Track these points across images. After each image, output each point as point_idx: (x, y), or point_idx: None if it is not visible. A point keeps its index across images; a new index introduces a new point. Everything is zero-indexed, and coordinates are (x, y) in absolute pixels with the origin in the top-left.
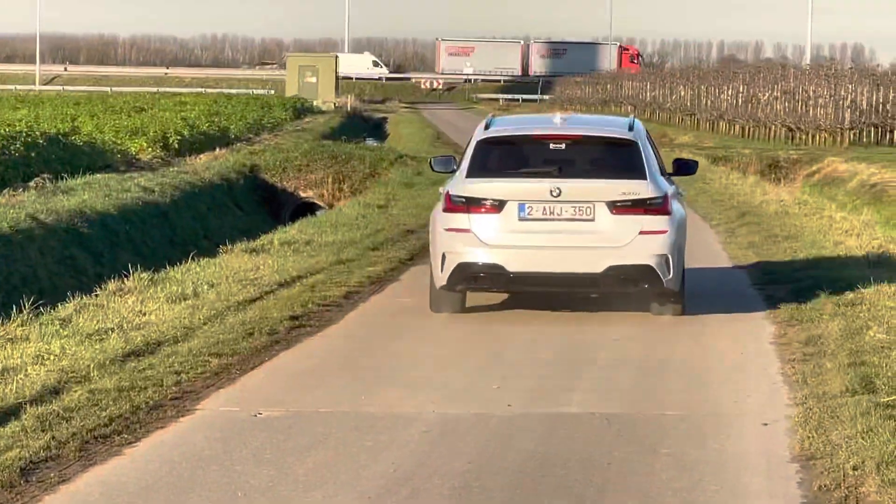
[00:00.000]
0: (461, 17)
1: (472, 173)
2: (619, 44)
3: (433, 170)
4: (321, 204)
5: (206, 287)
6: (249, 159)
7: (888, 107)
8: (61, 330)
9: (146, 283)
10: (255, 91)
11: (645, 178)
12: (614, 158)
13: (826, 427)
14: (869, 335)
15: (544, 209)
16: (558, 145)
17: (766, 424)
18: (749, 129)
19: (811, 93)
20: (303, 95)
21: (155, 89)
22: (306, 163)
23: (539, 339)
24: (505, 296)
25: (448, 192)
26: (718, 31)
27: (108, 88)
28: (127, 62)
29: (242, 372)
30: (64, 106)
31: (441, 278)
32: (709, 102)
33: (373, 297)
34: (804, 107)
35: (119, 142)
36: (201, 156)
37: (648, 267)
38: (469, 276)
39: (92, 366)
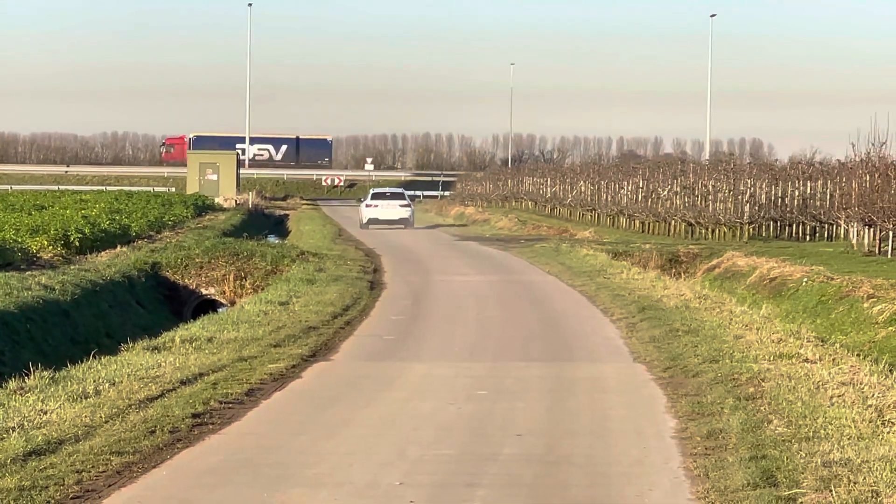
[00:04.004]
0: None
1: (372, 199)
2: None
3: (359, 200)
4: (223, 301)
5: (107, 385)
6: (151, 257)
7: (786, 200)
8: None
9: (47, 381)
10: (155, 188)
11: (405, 199)
12: (399, 196)
13: None
14: (770, 429)
15: (386, 206)
16: (388, 193)
17: None
18: (649, 223)
19: (711, 187)
20: (204, 192)
21: (55, 187)
22: (208, 260)
23: (442, 435)
24: (402, 379)
25: (365, 202)
26: (618, 126)
27: (8, 186)
28: (27, 160)
29: (144, 471)
30: None
31: (363, 221)
32: (609, 198)
33: (275, 393)
34: (704, 201)
35: (19, 240)
36: (102, 253)
37: (407, 218)
38: (370, 221)
39: None
